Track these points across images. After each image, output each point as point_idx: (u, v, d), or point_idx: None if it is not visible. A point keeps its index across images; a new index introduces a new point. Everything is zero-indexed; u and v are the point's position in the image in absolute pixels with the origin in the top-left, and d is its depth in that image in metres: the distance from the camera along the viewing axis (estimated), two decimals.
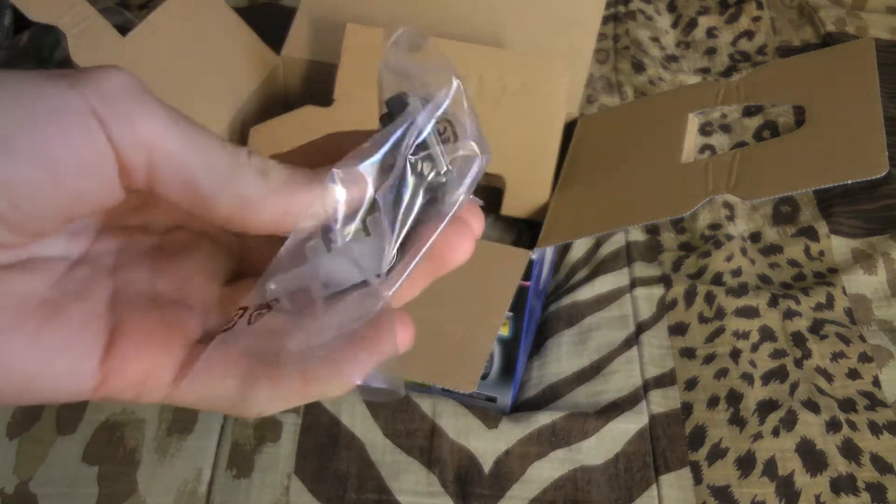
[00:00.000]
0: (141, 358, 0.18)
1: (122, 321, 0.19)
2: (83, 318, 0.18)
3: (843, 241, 0.61)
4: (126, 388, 0.18)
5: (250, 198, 0.18)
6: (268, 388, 0.19)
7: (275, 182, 0.18)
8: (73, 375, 0.18)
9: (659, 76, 0.77)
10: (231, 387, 0.19)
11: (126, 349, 0.18)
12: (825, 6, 0.86)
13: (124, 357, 0.18)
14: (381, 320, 0.19)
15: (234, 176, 0.17)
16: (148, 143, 0.16)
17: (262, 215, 0.18)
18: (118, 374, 0.18)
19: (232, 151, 0.18)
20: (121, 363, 0.18)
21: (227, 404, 0.20)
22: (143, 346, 0.19)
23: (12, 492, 0.45)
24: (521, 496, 0.46)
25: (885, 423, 0.48)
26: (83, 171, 0.16)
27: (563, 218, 0.43)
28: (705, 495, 0.45)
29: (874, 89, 0.36)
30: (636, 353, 0.53)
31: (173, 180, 0.17)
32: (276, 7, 0.82)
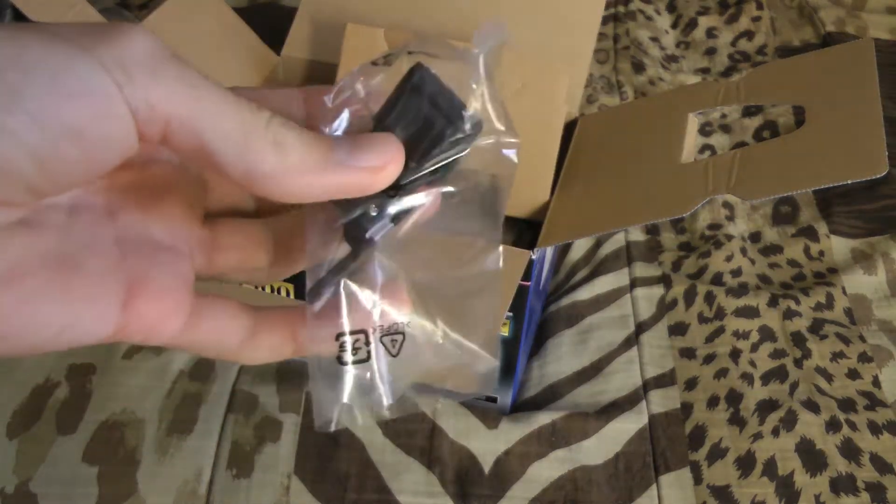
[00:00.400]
0: (158, 306, 0.19)
1: (134, 270, 0.19)
2: (101, 269, 0.19)
3: (843, 241, 0.61)
4: (139, 332, 0.19)
5: (262, 173, 0.18)
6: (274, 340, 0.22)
7: (289, 159, 0.18)
8: (99, 324, 0.18)
9: (659, 76, 0.77)
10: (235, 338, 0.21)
11: (144, 298, 0.19)
12: (825, 6, 0.86)
13: (143, 305, 0.19)
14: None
15: (248, 148, 0.17)
16: (163, 110, 0.17)
17: (273, 190, 0.18)
18: (136, 321, 0.19)
19: (250, 119, 0.18)
20: (139, 311, 0.19)
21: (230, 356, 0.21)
22: (159, 295, 0.19)
23: (12, 492, 0.45)
24: (521, 496, 0.46)
25: (884, 423, 0.48)
26: (108, 140, 0.16)
27: (563, 218, 0.43)
28: (705, 495, 0.45)
29: (874, 89, 0.36)
30: (636, 353, 0.53)
31: (188, 147, 0.17)
32: (276, 7, 0.82)
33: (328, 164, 0.18)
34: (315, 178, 0.18)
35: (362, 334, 0.21)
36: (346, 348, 0.21)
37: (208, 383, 0.50)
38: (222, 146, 0.17)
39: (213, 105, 0.17)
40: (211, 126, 0.17)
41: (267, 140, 0.18)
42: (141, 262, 0.20)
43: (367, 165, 0.19)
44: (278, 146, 0.18)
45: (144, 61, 0.16)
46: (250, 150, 0.17)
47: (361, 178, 0.19)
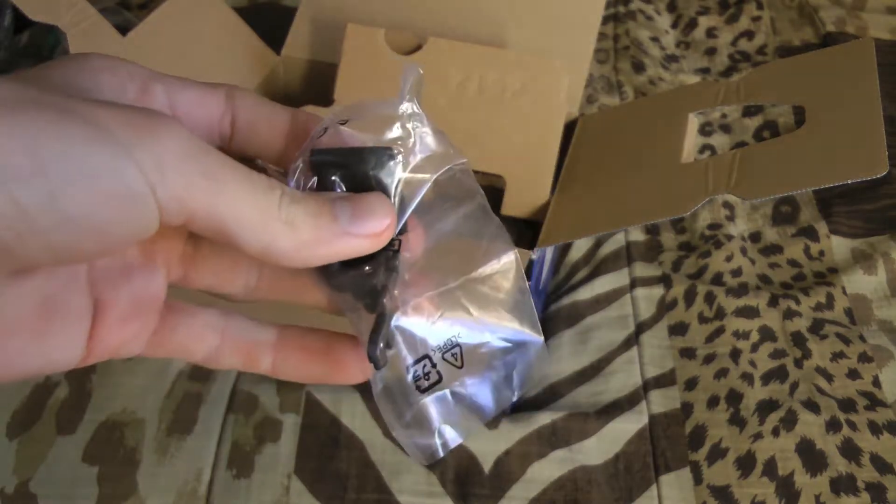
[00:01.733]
0: (121, 333, 0.20)
1: (100, 300, 0.20)
2: (75, 309, 0.19)
3: (843, 241, 0.61)
4: (103, 355, 0.20)
5: (277, 250, 0.19)
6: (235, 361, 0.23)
7: (302, 236, 0.19)
8: (67, 360, 0.19)
9: (659, 76, 0.77)
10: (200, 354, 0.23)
11: (108, 328, 0.20)
12: (825, 6, 0.86)
13: (106, 335, 0.20)
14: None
15: (265, 231, 0.19)
16: (188, 206, 0.17)
17: (287, 263, 0.20)
18: (100, 348, 0.20)
19: (264, 202, 0.19)
20: (103, 340, 0.20)
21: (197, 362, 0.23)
22: (122, 323, 0.20)
23: (12, 492, 0.45)
24: (521, 496, 0.46)
25: (885, 423, 0.48)
26: (131, 235, 0.17)
27: (563, 218, 0.43)
28: (705, 495, 0.45)
29: (874, 89, 0.36)
30: (636, 353, 0.53)
31: (207, 232, 0.18)
32: (276, 7, 0.82)
33: (334, 236, 0.20)
34: (324, 249, 0.20)
35: (426, 360, 0.22)
36: (420, 377, 0.22)
37: (208, 383, 0.50)
38: (241, 232, 0.18)
39: (233, 194, 0.18)
40: (231, 215, 0.18)
41: (280, 221, 0.19)
42: (107, 288, 0.20)
43: (370, 232, 0.20)
44: (290, 225, 0.19)
45: (177, 159, 0.17)
46: (266, 232, 0.19)
47: (363, 244, 0.20)
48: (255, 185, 0.19)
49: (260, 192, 0.19)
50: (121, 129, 0.17)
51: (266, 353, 0.23)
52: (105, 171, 0.16)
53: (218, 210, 0.18)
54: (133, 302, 0.21)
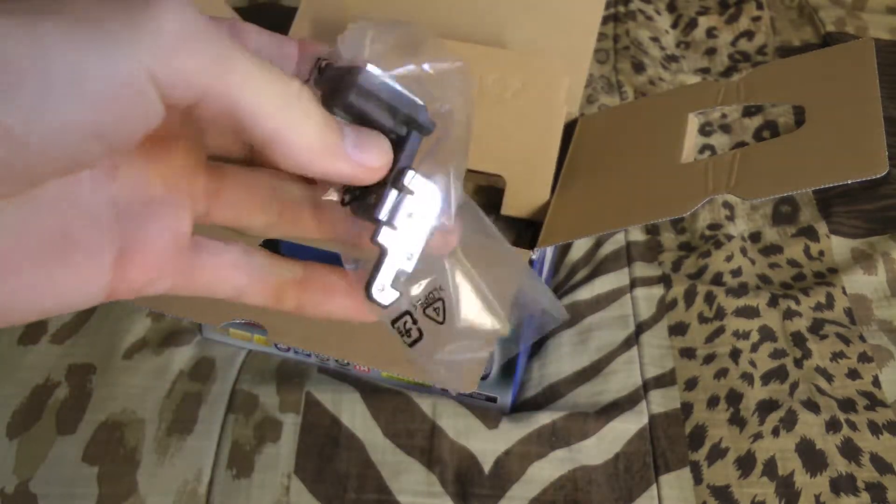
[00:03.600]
0: (147, 270, 0.20)
1: (125, 236, 0.19)
2: (94, 239, 0.19)
3: (843, 241, 0.61)
4: (129, 292, 0.20)
5: (286, 139, 0.18)
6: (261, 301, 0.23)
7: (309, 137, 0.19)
8: (89, 292, 0.19)
9: (659, 76, 0.77)
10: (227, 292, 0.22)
11: (132, 265, 0.19)
12: (825, 6, 0.86)
13: (131, 272, 0.19)
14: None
15: (279, 114, 0.18)
16: (197, 84, 0.17)
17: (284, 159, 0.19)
18: (124, 285, 0.19)
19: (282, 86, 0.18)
20: (128, 277, 0.19)
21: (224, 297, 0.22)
22: (147, 259, 0.20)
23: (12, 492, 0.45)
24: (521, 496, 0.46)
25: (885, 423, 0.48)
26: (133, 129, 0.16)
27: (563, 218, 0.43)
28: (705, 495, 0.45)
29: (874, 89, 0.36)
30: (636, 353, 0.53)
31: (218, 116, 0.17)
32: (277, 7, 0.82)
33: (337, 152, 0.19)
34: (323, 160, 0.19)
35: (407, 316, 0.22)
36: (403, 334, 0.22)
37: (208, 383, 0.50)
38: (255, 112, 0.18)
39: (248, 75, 0.17)
40: (246, 96, 0.17)
41: (299, 108, 0.18)
42: (133, 224, 0.20)
43: (367, 164, 0.20)
44: (306, 117, 0.19)
45: (179, 40, 0.16)
46: (282, 117, 0.18)
47: (357, 172, 0.20)
48: (272, 70, 0.18)
49: (277, 77, 0.18)
50: (105, 15, 0.15)
51: (291, 290, 0.23)
52: (92, 71, 0.15)
53: (230, 93, 0.17)
54: (158, 237, 0.20)
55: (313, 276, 0.24)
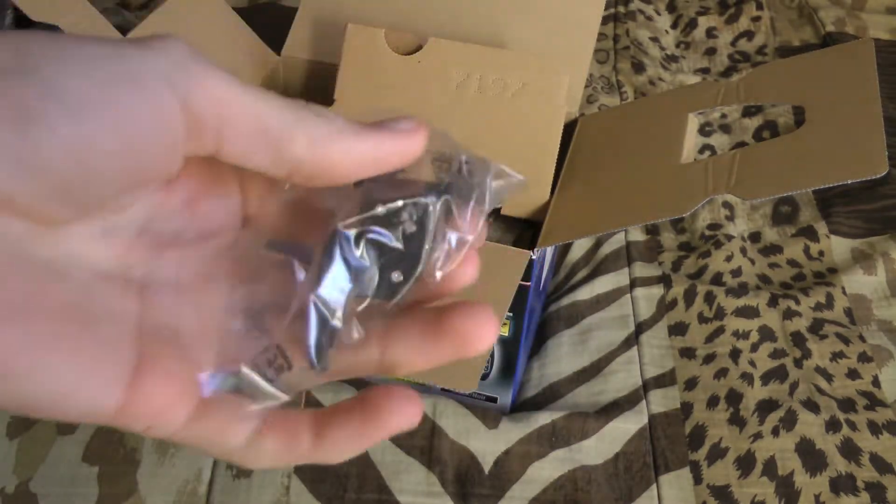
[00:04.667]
0: (163, 394, 0.18)
1: (146, 351, 0.18)
2: (114, 338, 0.18)
3: (843, 241, 0.61)
4: (141, 419, 0.18)
5: (320, 137, 0.18)
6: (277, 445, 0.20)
7: (337, 124, 0.19)
8: (100, 398, 0.17)
9: (659, 76, 0.78)
10: (240, 436, 0.20)
11: (150, 382, 0.18)
12: (825, 6, 0.86)
13: (148, 389, 0.18)
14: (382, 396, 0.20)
15: (301, 119, 0.18)
16: (220, 99, 0.17)
17: (331, 157, 0.18)
18: (138, 405, 0.18)
19: (290, 100, 0.18)
20: (143, 395, 0.18)
21: (235, 457, 0.20)
22: (166, 382, 0.18)
23: (12, 492, 0.45)
24: (521, 496, 0.46)
25: (884, 422, 0.48)
26: (153, 136, 0.16)
27: (563, 218, 0.43)
28: (705, 495, 0.45)
29: (874, 89, 0.36)
30: (636, 353, 0.53)
31: (245, 132, 0.17)
32: (276, 7, 0.82)
33: (367, 128, 0.19)
34: (362, 136, 0.19)
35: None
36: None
37: None
38: (279, 123, 0.18)
39: (259, 93, 0.18)
40: (267, 108, 0.17)
41: (311, 111, 0.18)
42: (154, 346, 0.19)
43: (403, 128, 0.19)
44: (323, 115, 0.18)
45: (192, 58, 0.17)
46: (305, 119, 0.18)
47: (399, 139, 0.19)
48: (270, 91, 0.18)
49: (277, 94, 0.18)
50: (133, 43, 0.16)
51: (305, 428, 0.21)
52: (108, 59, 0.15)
53: (256, 106, 0.17)
54: (178, 365, 0.19)
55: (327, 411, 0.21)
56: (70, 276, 0.17)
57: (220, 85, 0.17)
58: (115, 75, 0.16)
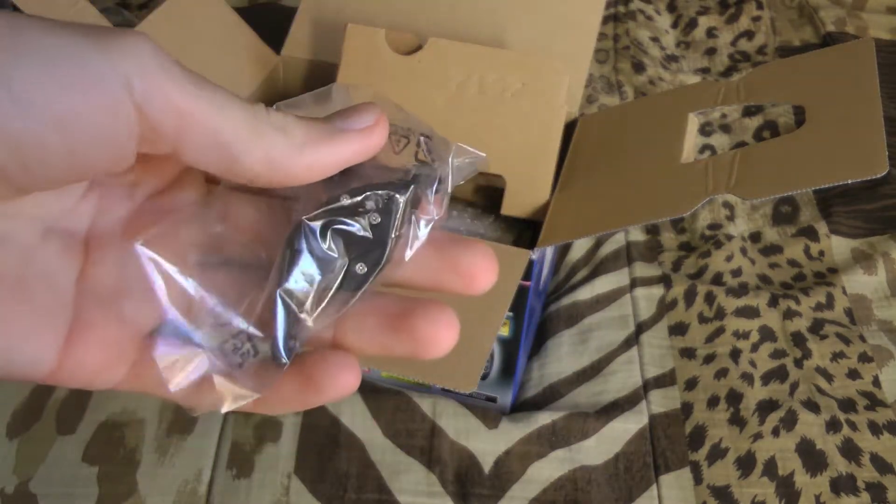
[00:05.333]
0: (97, 357, 0.18)
1: (82, 313, 0.18)
2: (50, 305, 0.18)
3: (843, 241, 0.61)
4: (77, 379, 0.19)
5: (278, 154, 0.18)
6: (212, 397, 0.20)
7: (296, 137, 0.18)
8: (32, 363, 0.18)
9: (659, 76, 0.77)
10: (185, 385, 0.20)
11: (84, 345, 0.18)
12: (825, 6, 0.86)
13: (81, 352, 0.18)
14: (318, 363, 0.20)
15: (259, 135, 0.18)
16: (179, 109, 0.17)
17: (288, 171, 0.18)
18: (72, 366, 0.18)
19: (252, 109, 0.18)
20: (77, 357, 0.18)
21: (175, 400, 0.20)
22: (100, 346, 0.19)
23: (12, 492, 0.45)
24: (521, 496, 0.46)
25: (885, 423, 0.48)
26: (103, 139, 0.16)
27: (563, 218, 0.43)
28: (705, 495, 0.45)
29: (874, 89, 0.36)
30: (636, 353, 0.53)
31: (202, 144, 0.17)
32: (276, 7, 0.82)
33: (330, 133, 0.19)
34: (322, 149, 0.19)
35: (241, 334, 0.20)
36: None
37: None
38: (236, 139, 0.17)
39: (221, 101, 0.17)
40: (225, 121, 0.17)
41: (272, 126, 0.18)
42: (92, 308, 0.19)
43: (364, 126, 0.19)
44: (282, 131, 0.18)
45: (156, 62, 0.16)
46: (262, 135, 0.18)
47: (360, 140, 0.19)
48: (233, 97, 0.18)
49: (243, 102, 0.18)
50: (84, 28, 0.16)
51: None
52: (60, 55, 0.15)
53: (211, 113, 0.17)
54: (115, 326, 0.19)
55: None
56: (9, 241, 0.17)
57: (180, 93, 0.17)
58: (72, 78, 0.15)
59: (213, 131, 0.17)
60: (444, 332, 0.19)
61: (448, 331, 0.20)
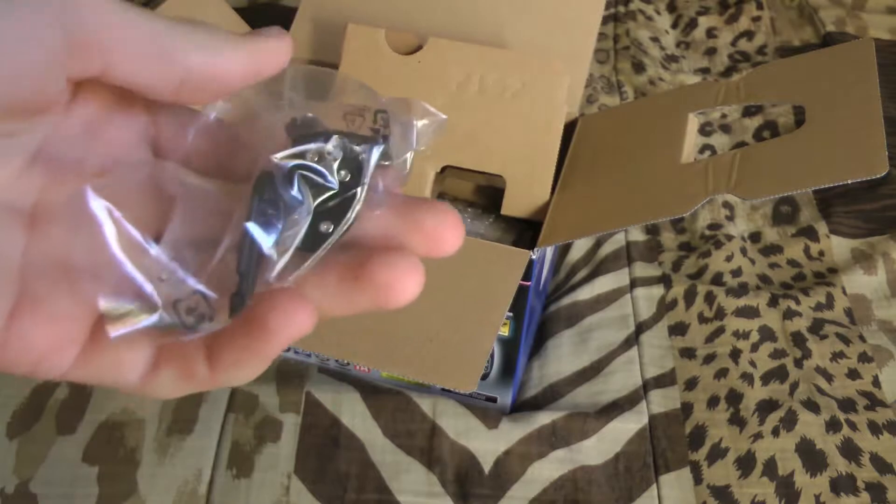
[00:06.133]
0: (44, 337, 0.17)
1: (28, 290, 0.17)
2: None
3: (843, 241, 0.61)
4: (21, 363, 0.17)
5: (208, 44, 0.18)
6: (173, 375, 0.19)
7: (221, 33, 0.18)
8: None
9: (659, 76, 0.77)
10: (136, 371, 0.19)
11: (31, 321, 0.17)
12: (825, 6, 0.86)
13: (28, 328, 0.17)
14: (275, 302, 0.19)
15: (189, 30, 0.18)
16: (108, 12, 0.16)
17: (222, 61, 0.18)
18: (18, 345, 0.17)
19: (174, 18, 0.18)
20: (23, 334, 0.17)
21: (132, 390, 0.19)
22: (48, 324, 0.17)
23: (12, 492, 0.45)
24: (521, 496, 0.46)
25: (884, 422, 0.48)
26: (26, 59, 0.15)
27: (563, 218, 0.43)
28: (705, 495, 0.45)
29: (874, 89, 0.36)
30: (636, 353, 0.53)
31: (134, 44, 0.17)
32: (277, 7, 0.82)
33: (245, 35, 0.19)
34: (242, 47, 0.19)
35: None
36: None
37: None
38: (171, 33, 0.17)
39: (147, 11, 0.17)
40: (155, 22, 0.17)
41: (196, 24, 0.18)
42: (39, 284, 0.17)
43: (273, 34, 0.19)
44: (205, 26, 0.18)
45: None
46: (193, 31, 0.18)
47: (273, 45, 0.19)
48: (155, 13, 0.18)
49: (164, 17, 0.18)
50: None
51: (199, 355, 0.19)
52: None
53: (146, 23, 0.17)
54: (65, 301, 0.18)
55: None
56: None
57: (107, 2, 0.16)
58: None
59: (146, 29, 0.17)
60: (408, 276, 0.18)
61: (411, 275, 0.18)
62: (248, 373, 0.19)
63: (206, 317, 0.18)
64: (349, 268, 0.19)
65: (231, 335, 0.19)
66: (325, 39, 0.54)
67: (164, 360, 0.19)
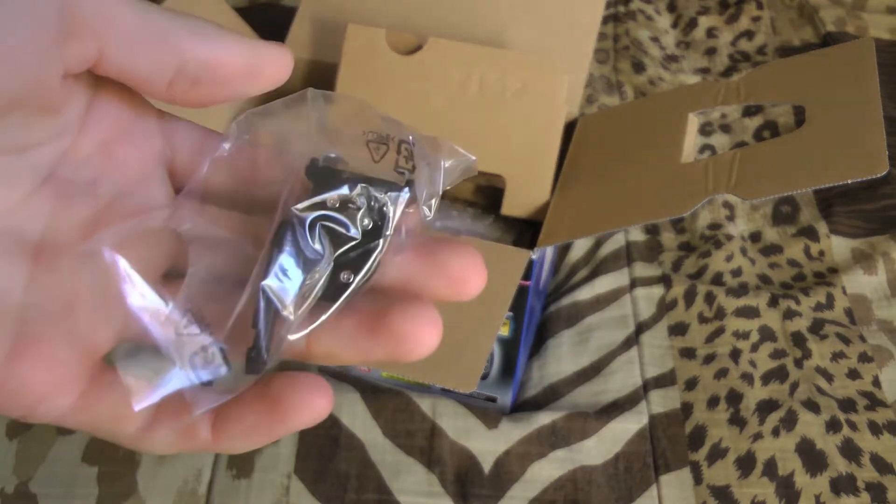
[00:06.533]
0: (41, 381, 0.16)
1: (28, 329, 0.16)
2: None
3: (843, 241, 0.61)
4: (16, 407, 0.17)
5: (205, 33, 0.17)
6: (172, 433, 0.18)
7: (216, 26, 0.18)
8: None
9: (659, 76, 0.77)
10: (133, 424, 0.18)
11: (29, 363, 0.16)
12: (825, 6, 0.86)
13: (26, 370, 0.16)
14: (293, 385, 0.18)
15: (186, 20, 0.17)
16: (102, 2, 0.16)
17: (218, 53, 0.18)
18: (14, 386, 0.16)
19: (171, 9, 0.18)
20: (20, 376, 0.16)
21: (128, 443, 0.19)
22: (46, 367, 0.16)
23: (12, 492, 0.45)
24: (521, 496, 0.46)
25: (885, 422, 0.48)
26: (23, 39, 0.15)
27: (563, 218, 0.43)
28: (705, 495, 0.45)
29: (874, 89, 0.36)
30: (636, 353, 0.53)
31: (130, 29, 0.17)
32: (276, 7, 0.82)
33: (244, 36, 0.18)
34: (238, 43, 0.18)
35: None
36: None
37: None
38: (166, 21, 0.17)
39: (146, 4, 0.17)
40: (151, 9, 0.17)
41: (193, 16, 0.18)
42: (40, 323, 0.17)
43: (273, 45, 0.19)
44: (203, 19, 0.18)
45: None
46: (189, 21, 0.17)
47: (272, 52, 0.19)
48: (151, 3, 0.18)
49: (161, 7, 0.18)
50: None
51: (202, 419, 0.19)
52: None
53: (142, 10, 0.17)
54: (65, 345, 0.17)
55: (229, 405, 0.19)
56: None
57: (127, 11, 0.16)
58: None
59: (142, 16, 0.17)
60: (426, 329, 0.18)
61: (430, 328, 0.18)
62: (251, 445, 0.19)
63: (222, 370, 0.17)
64: (367, 317, 0.18)
65: (242, 406, 0.18)
66: (325, 39, 0.54)
67: (163, 419, 0.19)
